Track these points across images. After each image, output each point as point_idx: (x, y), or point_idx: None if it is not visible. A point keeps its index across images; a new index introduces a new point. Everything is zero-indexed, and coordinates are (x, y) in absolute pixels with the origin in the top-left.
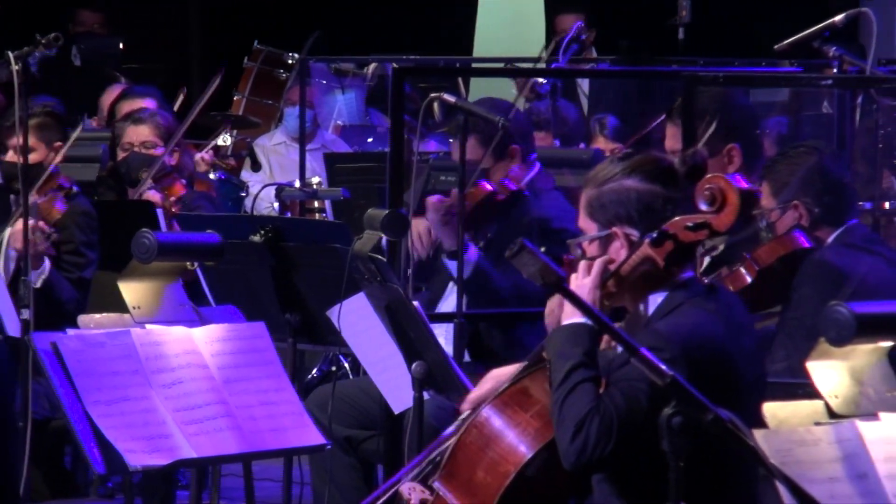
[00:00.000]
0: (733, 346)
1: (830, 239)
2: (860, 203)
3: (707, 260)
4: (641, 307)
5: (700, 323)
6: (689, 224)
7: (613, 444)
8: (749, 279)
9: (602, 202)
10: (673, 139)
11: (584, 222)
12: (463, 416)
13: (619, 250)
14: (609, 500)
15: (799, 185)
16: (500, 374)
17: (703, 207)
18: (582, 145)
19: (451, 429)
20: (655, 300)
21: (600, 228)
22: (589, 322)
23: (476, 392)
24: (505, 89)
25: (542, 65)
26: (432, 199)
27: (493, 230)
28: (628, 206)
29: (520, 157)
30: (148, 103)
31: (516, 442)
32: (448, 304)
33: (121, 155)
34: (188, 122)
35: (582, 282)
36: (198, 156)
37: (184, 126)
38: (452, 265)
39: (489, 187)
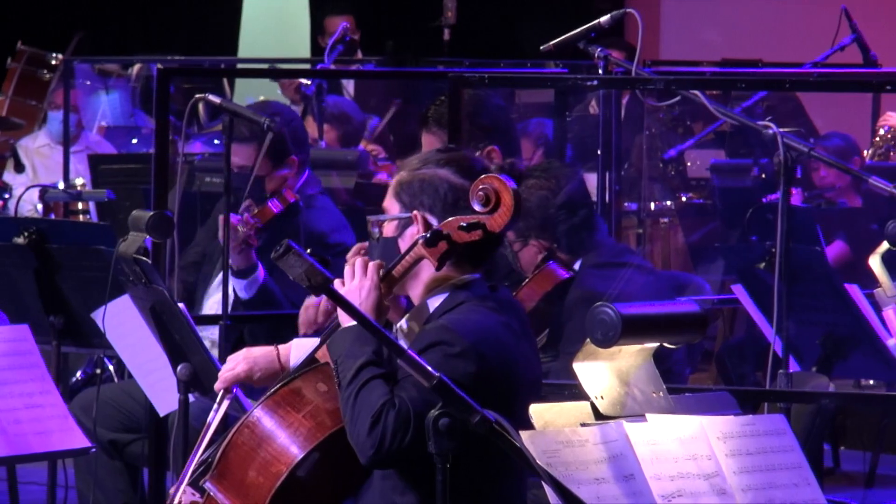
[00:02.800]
0: (515, 346)
1: (578, 265)
2: (626, 204)
3: None
4: (422, 307)
5: (487, 321)
6: (463, 224)
7: (410, 436)
8: None
9: (412, 186)
10: (428, 147)
11: (389, 202)
12: (216, 406)
13: (413, 235)
14: (392, 498)
15: (532, 218)
16: (253, 354)
17: (478, 208)
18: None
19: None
20: (436, 301)
21: (402, 210)
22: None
23: (230, 372)
24: (270, 90)
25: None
26: (234, 221)
27: (263, 240)
28: (435, 196)
29: (297, 167)
30: None
31: (288, 442)
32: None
33: None
34: None
35: (361, 283)
36: None
37: None
38: (239, 284)
39: (276, 209)
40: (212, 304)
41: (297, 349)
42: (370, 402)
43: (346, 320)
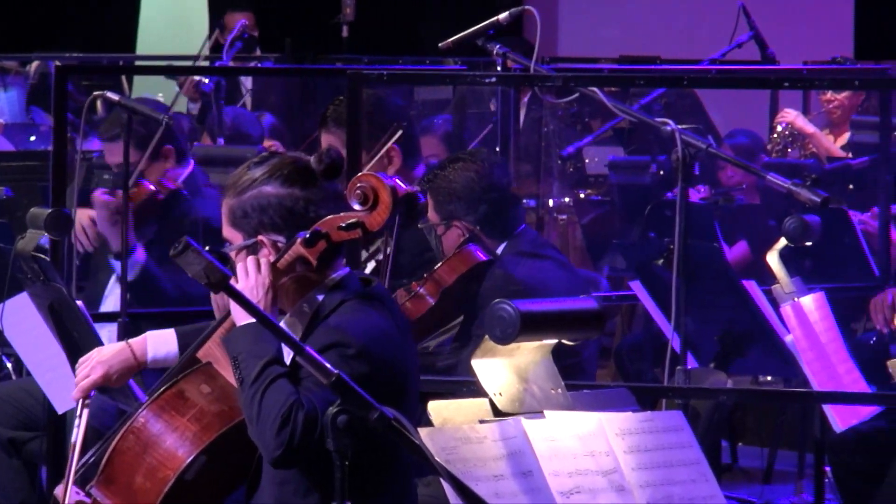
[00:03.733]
0: (401, 342)
1: (500, 249)
2: (524, 201)
3: (371, 264)
4: (299, 308)
5: (373, 318)
6: (342, 224)
7: (319, 434)
8: (433, 301)
9: (244, 211)
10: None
11: (229, 232)
12: (79, 405)
13: (267, 258)
14: (293, 501)
15: (458, 200)
16: (105, 356)
17: (356, 207)
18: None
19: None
20: (315, 301)
21: (246, 237)
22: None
23: (86, 380)
24: (168, 87)
25: (205, 63)
26: (100, 196)
27: (155, 230)
28: (270, 213)
29: (174, 157)
30: None
31: (174, 446)
32: (110, 302)
33: None
34: None
35: (257, 280)
36: None
37: None
38: (117, 265)
39: (150, 187)
40: (108, 303)
41: (154, 341)
42: (278, 402)
43: (241, 318)
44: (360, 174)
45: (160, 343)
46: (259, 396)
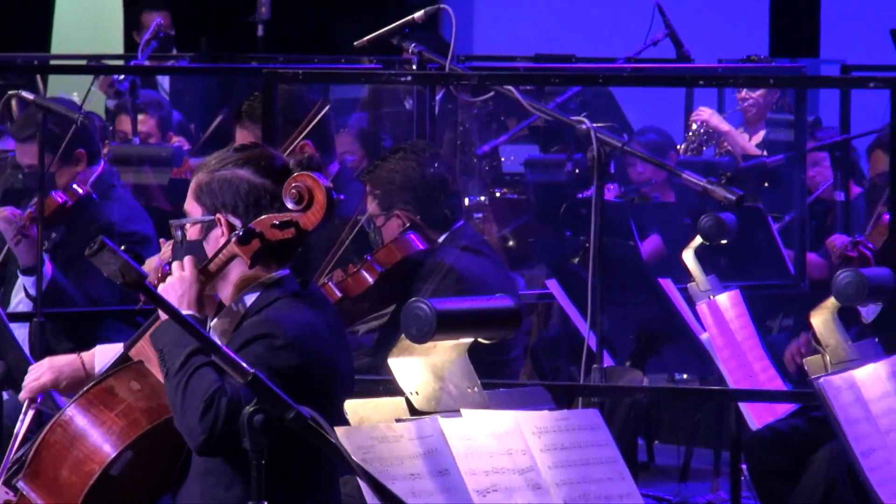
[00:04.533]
0: (331, 342)
1: (440, 240)
2: None
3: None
4: (234, 306)
5: (305, 315)
6: (276, 222)
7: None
8: (371, 280)
9: (211, 187)
10: (242, 142)
11: (190, 205)
12: (22, 416)
13: (218, 238)
14: (216, 494)
15: (398, 191)
16: (58, 364)
17: (290, 206)
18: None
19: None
20: (249, 299)
21: (205, 213)
22: (195, 314)
23: (35, 382)
24: (84, 86)
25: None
26: (5, 212)
27: (60, 234)
28: (236, 196)
29: (85, 160)
30: None
31: (101, 441)
32: (19, 301)
33: None
34: None
35: (180, 278)
36: None
37: None
38: (28, 281)
39: (60, 199)
40: (17, 302)
41: (102, 355)
42: (202, 388)
43: (165, 314)
44: (295, 174)
45: (108, 356)
46: (183, 385)
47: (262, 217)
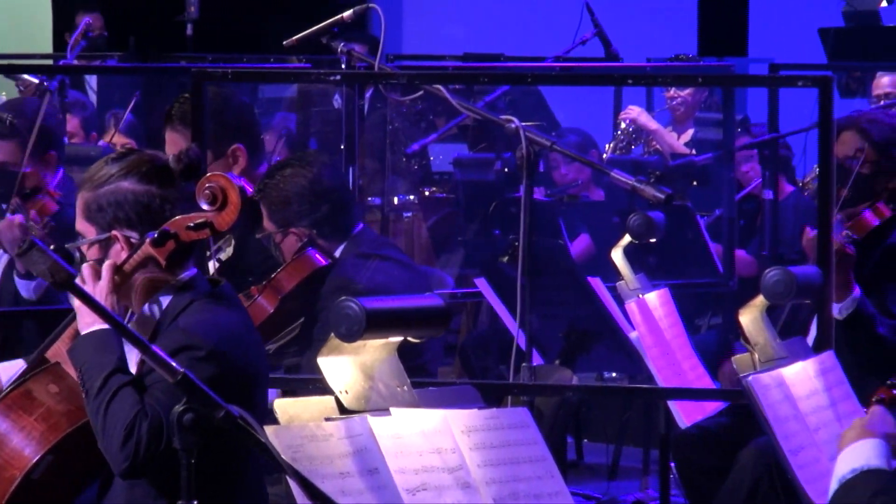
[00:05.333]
0: (250, 340)
1: (339, 252)
2: (369, 199)
3: (215, 262)
4: (148, 309)
5: (221, 318)
6: (191, 224)
7: (164, 443)
8: (271, 309)
9: (99, 205)
10: (173, 146)
11: (83, 225)
12: None
13: (119, 253)
14: (139, 501)
15: (291, 207)
16: None
17: (205, 207)
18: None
19: None
20: (163, 302)
21: (99, 231)
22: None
23: None
24: (11, 86)
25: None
26: (18, 219)
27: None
28: (126, 209)
29: (55, 162)
30: None
31: (21, 446)
32: None
33: None
34: None
35: (94, 286)
36: None
37: None
38: (27, 285)
39: (54, 208)
40: None
41: (4, 372)
42: (122, 414)
43: (84, 325)
44: (209, 174)
45: (8, 373)
46: (103, 409)
47: (177, 218)
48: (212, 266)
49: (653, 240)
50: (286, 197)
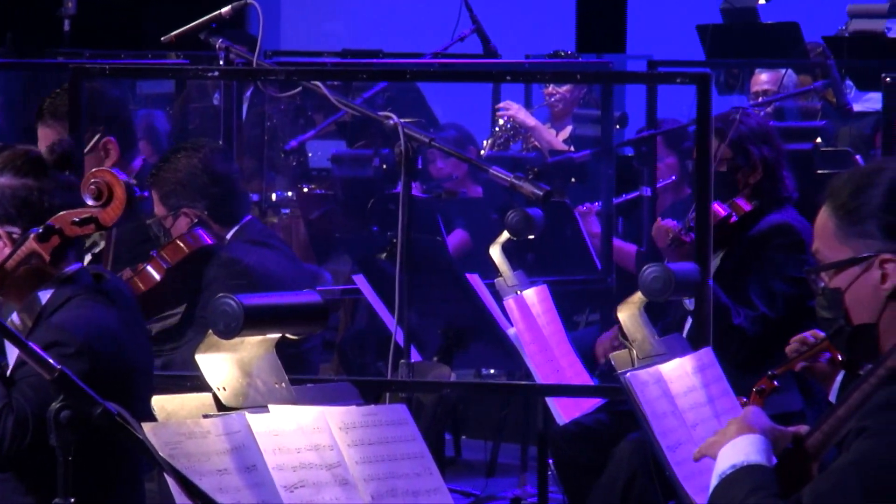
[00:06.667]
0: (128, 336)
1: (229, 236)
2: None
3: (89, 256)
4: (29, 303)
5: (96, 315)
6: (76, 219)
7: (29, 438)
8: (158, 277)
9: None
10: (45, 140)
11: None
12: None
13: (2, 249)
14: (13, 499)
15: (183, 189)
16: None
17: (90, 202)
18: None
19: None
20: (44, 296)
21: None
22: None
23: None
24: None
25: None
26: None
27: None
28: (5, 204)
29: None
30: None
31: None
32: None
33: None
34: None
35: None
36: None
37: None
38: None
39: None
40: None
41: None
42: None
43: None
44: (94, 170)
45: None
46: None
47: (62, 213)
48: (86, 260)
49: (531, 236)
50: (179, 179)
